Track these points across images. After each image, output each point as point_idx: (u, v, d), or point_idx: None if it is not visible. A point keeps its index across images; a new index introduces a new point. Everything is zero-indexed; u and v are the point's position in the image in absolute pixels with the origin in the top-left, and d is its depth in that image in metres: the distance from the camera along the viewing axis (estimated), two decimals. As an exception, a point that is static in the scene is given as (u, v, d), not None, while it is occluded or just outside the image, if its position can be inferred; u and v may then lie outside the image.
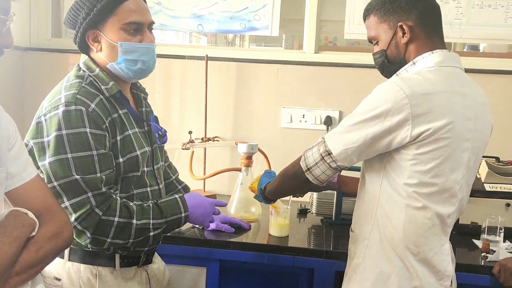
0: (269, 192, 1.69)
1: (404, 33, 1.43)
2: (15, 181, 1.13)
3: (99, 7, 1.42)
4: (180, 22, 2.66)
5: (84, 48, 1.52)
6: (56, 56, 2.74)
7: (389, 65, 1.48)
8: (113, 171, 1.43)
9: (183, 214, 1.52)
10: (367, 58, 1.56)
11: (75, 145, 1.36)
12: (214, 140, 2.62)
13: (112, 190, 1.43)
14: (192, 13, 2.65)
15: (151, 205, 1.48)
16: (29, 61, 2.75)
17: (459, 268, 1.72)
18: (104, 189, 1.39)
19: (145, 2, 1.53)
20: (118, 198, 1.43)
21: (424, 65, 1.41)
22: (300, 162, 1.46)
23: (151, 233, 1.46)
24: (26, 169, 1.15)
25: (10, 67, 2.68)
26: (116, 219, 1.40)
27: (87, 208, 1.37)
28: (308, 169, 1.44)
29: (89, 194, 1.37)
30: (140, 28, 1.48)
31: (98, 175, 1.38)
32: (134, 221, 1.42)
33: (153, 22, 1.52)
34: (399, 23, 1.43)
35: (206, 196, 2.46)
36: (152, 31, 1.54)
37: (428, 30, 1.43)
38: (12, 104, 2.68)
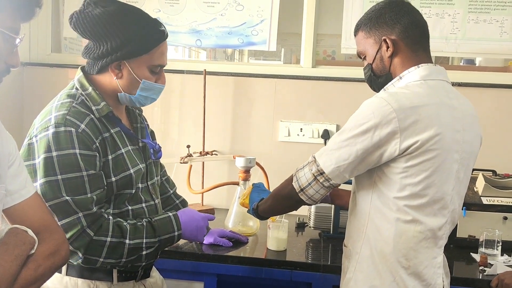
0: (263, 211, 1.68)
1: (387, 47, 1.46)
2: (14, 198, 1.13)
3: (138, 45, 1.43)
4: (178, 37, 2.69)
5: (99, 69, 1.47)
6: (56, 71, 2.76)
7: (375, 78, 1.51)
8: (103, 191, 1.43)
9: (176, 233, 1.53)
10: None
11: (64, 167, 1.36)
12: (212, 154, 2.63)
13: (103, 210, 1.43)
14: (190, 28, 2.68)
15: (144, 223, 1.48)
16: (29, 76, 2.77)
17: (456, 281, 1.72)
18: (95, 209, 1.39)
19: None
20: (110, 217, 1.43)
21: (410, 79, 1.43)
22: (293, 183, 1.46)
23: (144, 252, 1.47)
24: (25, 186, 1.16)
25: (10, 82, 2.69)
26: (108, 239, 1.41)
27: (78, 229, 1.37)
28: (302, 189, 1.44)
29: (80, 215, 1.37)
30: (160, 70, 1.53)
31: (89, 195, 1.38)
32: (127, 241, 1.43)
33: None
34: (383, 37, 1.46)
35: (204, 210, 2.47)
36: None
37: (412, 44, 1.46)
38: (11, 119, 2.68)
